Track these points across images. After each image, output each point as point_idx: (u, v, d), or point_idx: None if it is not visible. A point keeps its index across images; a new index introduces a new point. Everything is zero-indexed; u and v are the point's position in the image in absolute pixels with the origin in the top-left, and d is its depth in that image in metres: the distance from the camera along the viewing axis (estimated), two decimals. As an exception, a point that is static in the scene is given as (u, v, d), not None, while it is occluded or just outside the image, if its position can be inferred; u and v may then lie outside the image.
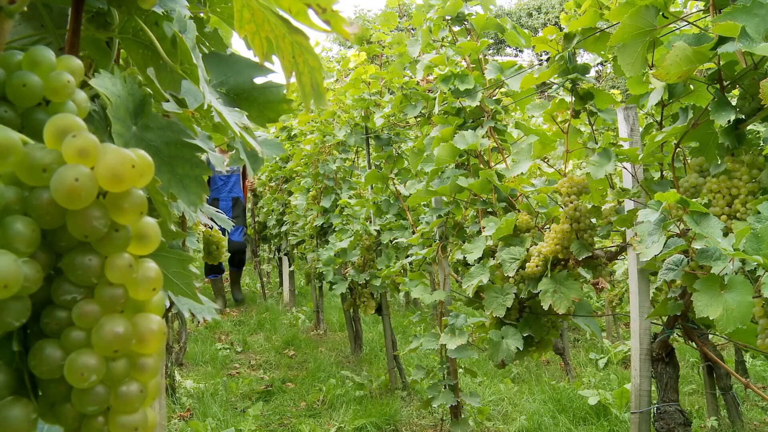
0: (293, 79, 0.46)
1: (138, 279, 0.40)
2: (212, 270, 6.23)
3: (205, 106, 0.48)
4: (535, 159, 1.91)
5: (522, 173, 2.17)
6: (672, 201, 1.12)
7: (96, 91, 0.48)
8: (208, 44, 0.74)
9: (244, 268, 7.48)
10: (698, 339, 1.67)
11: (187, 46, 0.52)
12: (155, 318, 0.40)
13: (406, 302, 6.81)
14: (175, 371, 3.56)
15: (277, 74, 0.69)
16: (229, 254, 6.15)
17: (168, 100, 0.55)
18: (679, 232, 1.30)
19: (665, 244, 1.20)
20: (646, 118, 2.70)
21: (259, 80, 0.65)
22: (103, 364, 0.39)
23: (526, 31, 2.61)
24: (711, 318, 1.05)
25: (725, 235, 1.26)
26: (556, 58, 1.81)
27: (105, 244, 0.38)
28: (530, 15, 21.92)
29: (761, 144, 1.53)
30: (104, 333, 0.38)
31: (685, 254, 1.37)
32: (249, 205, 7.29)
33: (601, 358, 4.40)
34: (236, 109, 0.58)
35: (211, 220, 1.39)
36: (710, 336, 2.94)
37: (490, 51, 20.94)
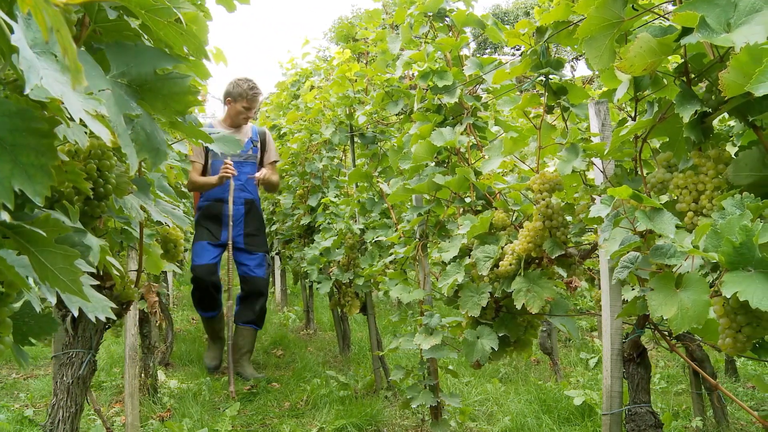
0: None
1: None
2: (202, 304, 3.90)
3: (27, 90, 0.45)
4: (506, 156, 1.87)
5: (499, 171, 2.14)
6: (624, 196, 1.08)
7: None
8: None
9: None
10: (671, 339, 1.63)
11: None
12: None
13: (398, 301, 6.78)
14: (159, 371, 3.53)
15: (185, 64, 0.65)
16: (238, 299, 3.98)
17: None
18: (644, 229, 1.27)
19: (621, 242, 1.16)
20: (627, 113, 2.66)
21: (163, 70, 0.62)
22: None
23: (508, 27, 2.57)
24: (665, 318, 1.02)
25: (690, 231, 1.22)
26: (528, 52, 1.78)
27: None
28: (527, 14, 21.88)
29: (731, 139, 1.50)
30: None
31: (654, 252, 1.33)
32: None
33: (591, 357, 4.37)
34: (130, 101, 0.54)
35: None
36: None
37: (488, 50, 20.89)
